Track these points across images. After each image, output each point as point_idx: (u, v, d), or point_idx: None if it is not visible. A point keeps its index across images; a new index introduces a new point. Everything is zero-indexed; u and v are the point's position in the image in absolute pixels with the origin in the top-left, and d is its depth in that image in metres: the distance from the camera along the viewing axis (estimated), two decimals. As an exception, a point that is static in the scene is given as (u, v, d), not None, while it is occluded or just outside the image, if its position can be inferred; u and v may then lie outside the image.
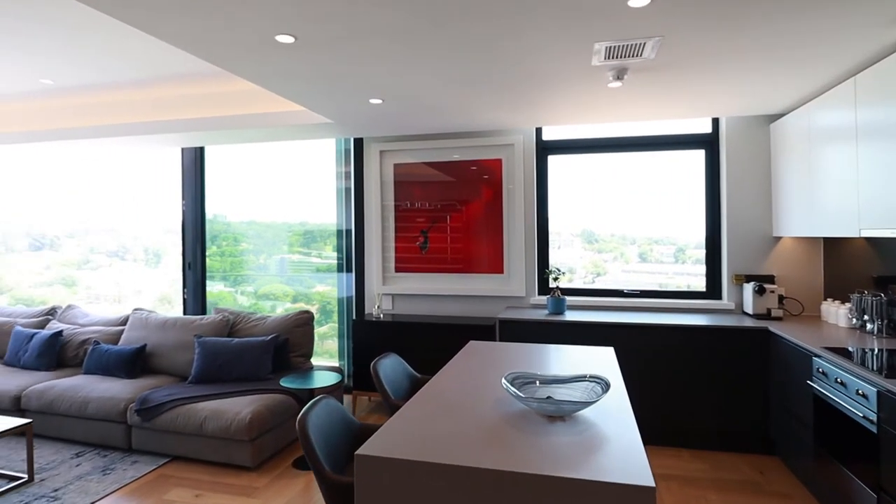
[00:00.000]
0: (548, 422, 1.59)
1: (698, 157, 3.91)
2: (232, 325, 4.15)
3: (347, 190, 4.64)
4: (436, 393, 1.92)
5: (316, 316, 4.88)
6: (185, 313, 5.27)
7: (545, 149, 4.14)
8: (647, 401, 3.39)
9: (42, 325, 4.62)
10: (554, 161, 4.16)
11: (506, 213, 4.16)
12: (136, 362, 3.90)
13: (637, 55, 2.34)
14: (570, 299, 4.00)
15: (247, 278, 5.21)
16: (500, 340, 3.64)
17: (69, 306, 4.94)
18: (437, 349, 3.93)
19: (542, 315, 3.67)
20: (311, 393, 3.26)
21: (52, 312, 4.87)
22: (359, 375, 4.14)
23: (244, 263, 5.21)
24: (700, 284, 3.94)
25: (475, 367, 2.31)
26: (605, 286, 4.13)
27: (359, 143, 4.51)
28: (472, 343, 2.81)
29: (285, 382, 3.26)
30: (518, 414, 1.67)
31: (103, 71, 3.60)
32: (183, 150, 5.19)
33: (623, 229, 4.18)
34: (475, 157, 4.20)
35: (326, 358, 4.86)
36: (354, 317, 4.61)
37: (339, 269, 4.74)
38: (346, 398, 4.50)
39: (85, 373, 3.99)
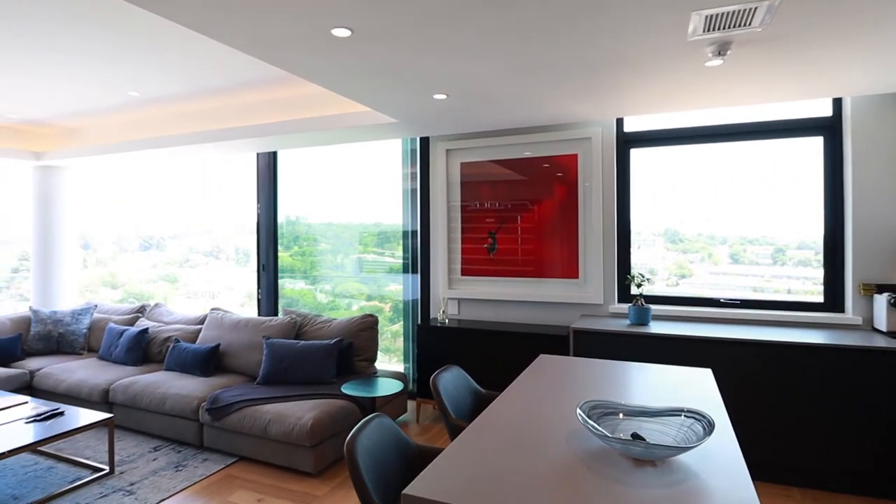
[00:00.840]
0: (634, 466, 1.32)
1: (811, 144, 3.36)
2: (299, 327, 4.16)
3: (413, 191, 4.51)
4: (499, 419, 1.69)
5: (389, 314, 4.82)
6: (259, 313, 5.41)
7: (627, 141, 3.75)
8: (750, 428, 2.94)
9: (132, 323, 4.91)
10: (636, 154, 3.76)
11: (581, 212, 3.83)
12: (210, 361, 4.00)
13: (744, 24, 1.96)
14: (654, 308, 3.59)
15: (326, 277, 5.26)
16: (575, 353, 3.33)
17: (156, 305, 5.22)
18: (504, 359, 3.69)
19: (622, 326, 3.32)
20: (374, 402, 3.14)
21: (141, 310, 5.17)
22: (423, 382, 3.98)
23: (323, 263, 5.27)
24: (804, 288, 3.39)
25: (545, 387, 2.05)
26: (695, 294, 3.67)
27: (425, 142, 4.37)
28: (542, 357, 2.54)
29: (347, 389, 3.17)
30: (597, 453, 1.41)
31: (185, 81, 3.71)
32: (258, 155, 5.32)
33: (712, 228, 3.72)
34: (548, 152, 3.91)
35: (398, 357, 4.77)
36: (420, 321, 4.47)
37: (405, 271, 4.62)
38: (411, 404, 4.37)
39: (166, 369, 4.16)
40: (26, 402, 3.41)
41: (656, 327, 3.25)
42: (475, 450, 1.45)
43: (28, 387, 4.30)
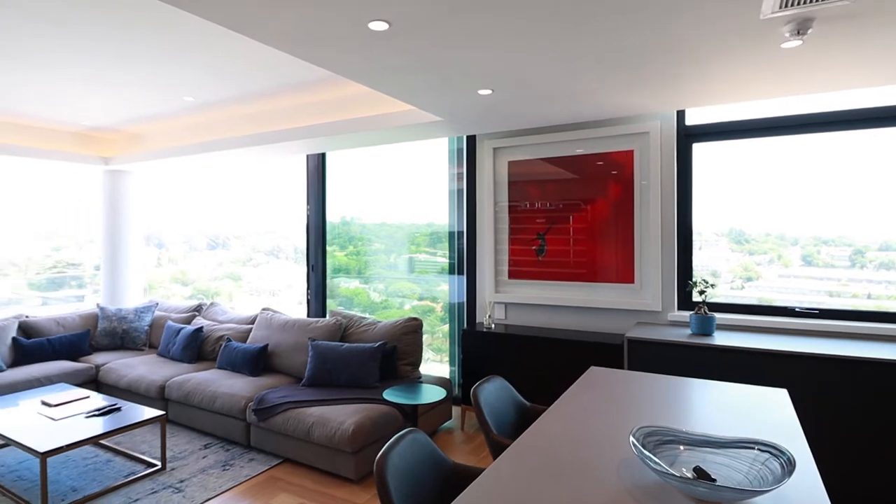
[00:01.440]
0: (697, 508, 1.14)
1: (906, 136, 2.97)
2: (345, 329, 4.14)
3: (459, 191, 4.40)
4: (544, 440, 1.55)
5: (441, 314, 4.74)
6: (308, 314, 5.47)
7: (689, 135, 3.47)
8: (833, 463, 2.62)
9: (188, 321, 5.08)
10: (699, 150, 3.47)
11: (638, 212, 3.58)
12: (258, 361, 4.06)
13: (829, -3, 1.71)
14: (718, 317, 3.30)
15: (379, 276, 5.27)
16: (629, 365, 3.10)
17: (212, 304, 5.39)
18: (552, 369, 3.50)
19: (682, 336, 3.06)
20: (416, 409, 3.05)
21: (198, 309, 5.35)
22: (468, 388, 3.86)
23: (377, 262, 5.28)
24: (886, 293, 3.00)
25: (596, 404, 1.88)
26: (764, 298, 3.35)
27: (471, 141, 4.24)
28: (593, 370, 2.36)
29: (389, 395, 3.10)
30: (652, 488, 1.24)
31: (235, 85, 3.78)
32: (308, 156, 5.38)
33: (782, 227, 3.37)
34: (601, 149, 3.68)
35: (447, 359, 4.68)
36: (465, 325, 4.35)
37: (452, 272, 4.52)
38: (456, 410, 4.26)
39: (218, 367, 4.26)
40: (88, 397, 3.57)
41: (721, 338, 2.97)
42: (516, 475, 1.31)
43: (94, 380, 4.54)
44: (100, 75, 3.59)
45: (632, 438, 1.31)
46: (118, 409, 3.34)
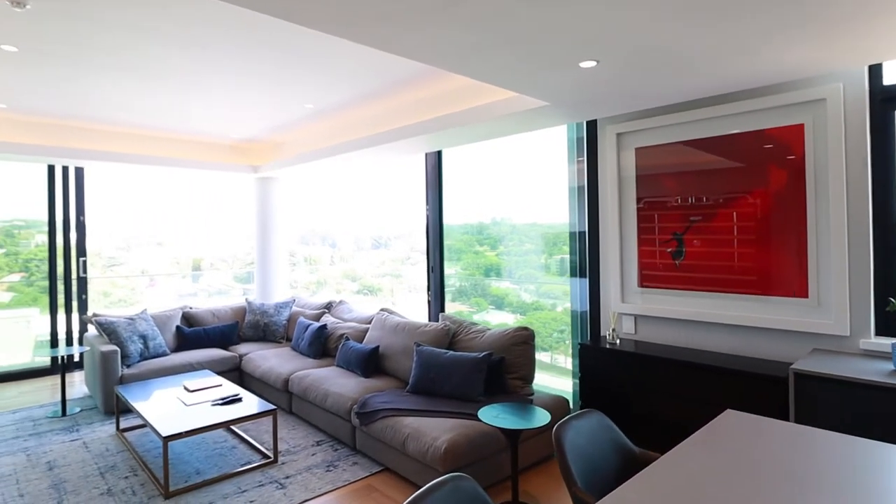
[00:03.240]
0: None
1: None
2: (453, 335, 3.93)
3: (580, 187, 3.89)
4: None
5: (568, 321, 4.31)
6: (429, 316, 5.41)
7: (889, 99, 2.56)
8: None
9: (318, 318, 5.35)
10: (911, 119, 2.54)
11: (812, 205, 2.75)
12: (370, 362, 4.05)
13: None
14: (943, 349, 2.36)
15: (529, 277, 5.02)
16: (796, 410, 2.35)
17: (340, 302, 5.62)
18: (689, 401, 2.86)
19: (881, 373, 2.23)
20: (516, 433, 2.69)
21: (328, 307, 5.61)
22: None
23: (527, 263, 5.05)
24: None
25: (727, 469, 1.36)
26: None
27: (592, 128, 3.72)
28: (729, 415, 1.78)
29: (483, 414, 2.78)
30: None
31: (348, 88, 3.82)
32: (426, 156, 5.31)
33: None
34: (756, 125, 2.91)
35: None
36: (589, 337, 3.84)
37: (573, 276, 4.04)
38: (575, 434, 3.77)
39: (336, 365, 4.36)
40: (220, 385, 3.88)
41: (946, 381, 2.09)
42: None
43: (237, 368, 5.00)
44: (234, 92, 3.89)
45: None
46: (239, 400, 3.55)
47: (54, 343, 5.67)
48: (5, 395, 4.83)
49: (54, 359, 5.61)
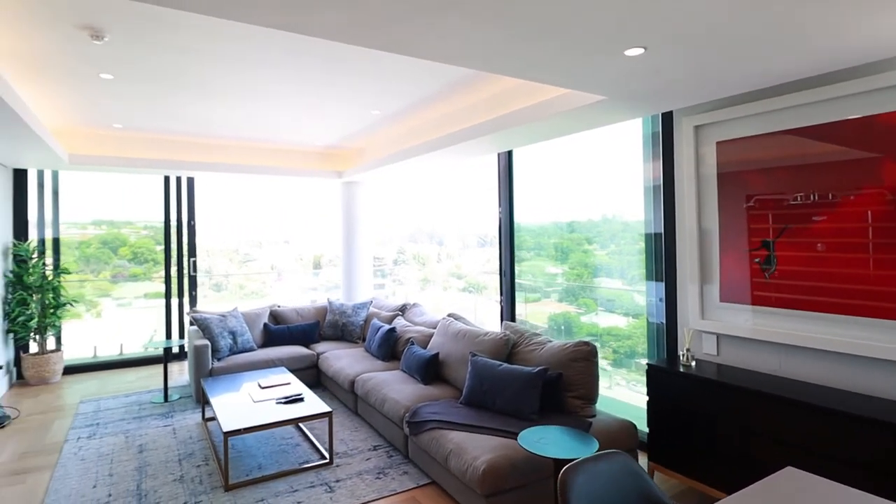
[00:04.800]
0: None
1: None
2: (512, 346, 3.73)
3: (656, 188, 3.48)
4: None
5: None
6: (501, 321, 5.24)
7: None
8: None
9: (390, 320, 5.41)
10: None
11: (951, 208, 2.15)
12: (429, 368, 3.99)
13: None
14: None
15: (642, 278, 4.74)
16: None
17: (414, 304, 5.64)
18: (775, 442, 2.40)
19: None
20: (556, 463, 2.45)
21: (402, 309, 5.66)
22: (657, 442, 3.00)
23: (641, 264, 4.77)
24: None
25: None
26: None
27: (668, 121, 3.30)
28: (790, 473, 1.42)
29: (526, 435, 2.56)
30: None
31: (412, 92, 3.79)
32: (499, 156, 5.13)
33: None
34: (865, 111, 2.35)
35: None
36: (665, 354, 3.43)
37: (649, 288, 3.63)
38: (643, 458, 3.39)
39: (400, 370, 4.37)
40: (289, 384, 4.06)
41: None
42: None
43: (315, 366, 5.22)
44: (311, 103, 4.05)
45: None
46: (301, 400, 3.68)
47: (169, 335, 6.38)
48: (125, 379, 5.53)
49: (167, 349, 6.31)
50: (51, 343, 5.62)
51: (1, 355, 4.95)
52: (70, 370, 5.71)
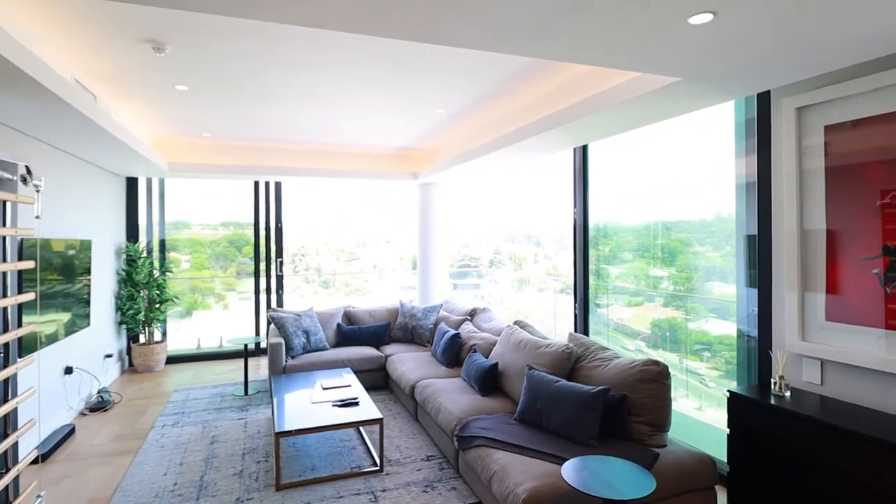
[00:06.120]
0: None
1: None
2: (576, 360, 3.40)
3: (749, 184, 2.97)
4: None
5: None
6: (575, 329, 4.88)
7: None
8: None
9: (458, 325, 5.27)
10: None
11: None
12: (487, 379, 3.78)
13: None
14: None
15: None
16: None
17: (484, 309, 5.45)
18: (885, 502, 1.89)
19: None
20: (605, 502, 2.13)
21: (472, 314, 5.50)
22: (739, 483, 2.54)
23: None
24: None
25: None
26: None
27: (764, 103, 2.78)
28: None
29: (571, 465, 2.27)
30: None
31: (472, 88, 3.63)
32: (574, 150, 4.78)
33: None
34: None
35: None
36: (756, 378, 2.91)
37: (748, 284, 3.12)
38: (722, 496, 2.89)
39: (461, 377, 4.21)
40: (349, 386, 4.07)
41: None
42: None
43: (382, 368, 5.23)
44: (376, 102, 4.03)
45: None
46: (356, 404, 3.66)
47: (258, 332, 6.79)
48: (216, 370, 5.95)
49: (257, 343, 6.72)
50: (157, 335, 6.22)
51: (113, 345, 5.56)
52: (173, 360, 6.27)
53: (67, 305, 4.19)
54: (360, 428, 4.10)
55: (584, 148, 4.62)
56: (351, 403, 3.66)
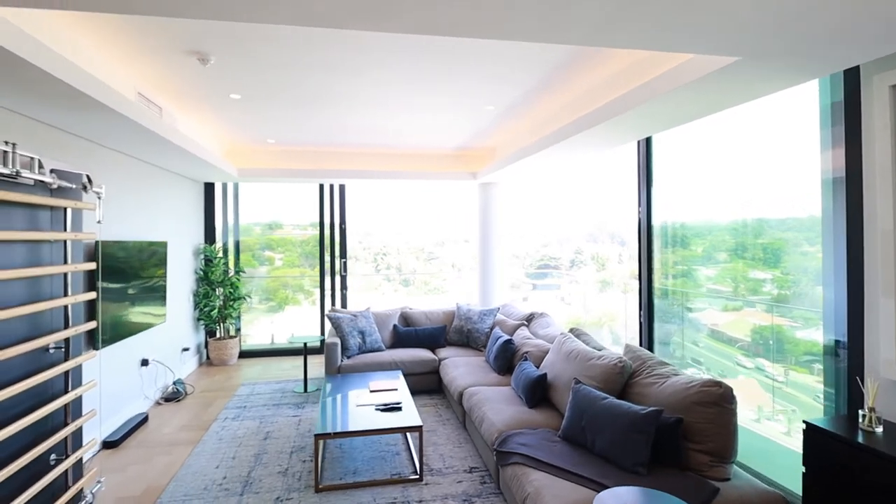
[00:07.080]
0: None
1: None
2: (630, 375, 3.11)
3: (836, 179, 2.53)
4: None
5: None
6: (640, 341, 4.51)
7: None
8: None
9: (514, 330, 5.07)
10: None
11: None
12: (535, 390, 3.57)
13: None
14: None
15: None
16: None
17: (541, 314, 5.20)
18: None
19: None
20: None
21: (529, 318, 5.27)
22: (815, 531, 2.16)
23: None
24: None
25: None
26: None
27: (853, 83, 2.35)
28: None
29: (607, 496, 2.04)
30: None
31: (518, 83, 3.45)
32: (638, 144, 4.41)
33: None
34: None
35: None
36: (845, 407, 2.48)
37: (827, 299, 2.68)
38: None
39: (510, 385, 4.03)
40: (396, 390, 4.03)
41: None
42: None
43: (436, 371, 5.16)
44: (426, 101, 3.97)
45: None
46: (398, 409, 3.61)
47: (322, 331, 7.00)
48: (282, 366, 6.20)
49: (321, 342, 6.92)
50: (231, 331, 6.60)
51: (191, 339, 5.96)
52: (246, 354, 6.63)
53: (142, 302, 4.52)
54: (406, 433, 4.05)
55: (648, 143, 4.25)
56: (394, 408, 3.62)
